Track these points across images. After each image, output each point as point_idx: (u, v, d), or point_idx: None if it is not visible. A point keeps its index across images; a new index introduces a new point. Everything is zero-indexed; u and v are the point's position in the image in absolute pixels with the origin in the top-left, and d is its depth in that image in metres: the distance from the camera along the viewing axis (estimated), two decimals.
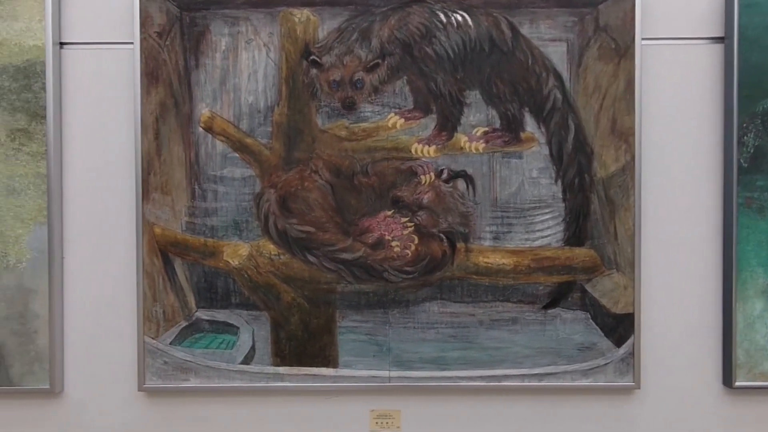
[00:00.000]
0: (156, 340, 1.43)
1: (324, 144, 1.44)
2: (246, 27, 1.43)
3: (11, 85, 1.41)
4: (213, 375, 1.44)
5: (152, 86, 1.42)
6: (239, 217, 1.44)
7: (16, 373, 1.43)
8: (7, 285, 1.42)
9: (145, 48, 1.42)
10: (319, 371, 1.45)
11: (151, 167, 1.43)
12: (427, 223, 1.45)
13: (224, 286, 1.44)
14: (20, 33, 1.41)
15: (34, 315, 1.42)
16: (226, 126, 1.43)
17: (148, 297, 1.43)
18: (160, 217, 1.43)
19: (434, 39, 1.43)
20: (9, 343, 1.42)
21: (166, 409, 1.46)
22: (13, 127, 1.42)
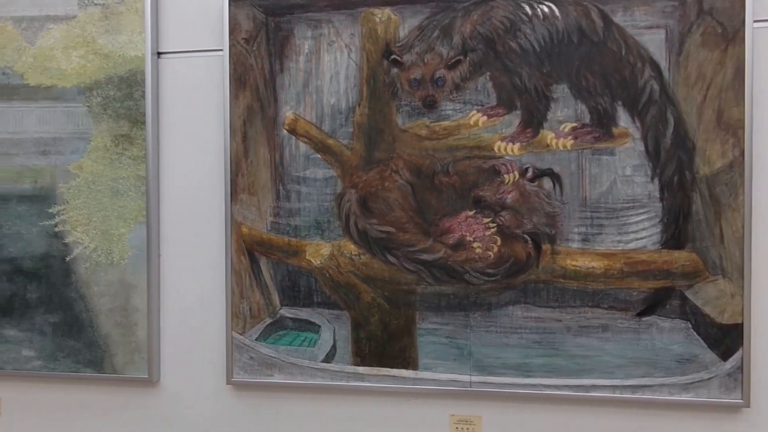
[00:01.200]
0: (243, 336, 1.49)
1: (404, 143, 1.43)
2: (328, 29, 1.45)
3: (116, 93, 1.52)
4: (296, 372, 1.47)
5: (240, 91, 1.48)
6: (321, 217, 1.46)
7: (119, 362, 1.54)
8: (111, 280, 1.53)
9: (233, 54, 1.47)
10: (399, 373, 1.44)
11: (239, 169, 1.48)
12: (510, 224, 1.39)
13: (307, 285, 1.47)
14: (123, 45, 1.52)
15: (135, 308, 1.53)
16: (309, 127, 1.46)
17: (236, 294, 1.49)
18: (247, 217, 1.48)
19: (519, 32, 1.37)
20: (113, 334, 1.54)
21: (252, 403, 1.52)
22: (117, 133, 1.53)
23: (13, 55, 1.56)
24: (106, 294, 1.53)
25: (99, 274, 1.54)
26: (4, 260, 1.57)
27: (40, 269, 1.56)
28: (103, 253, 1.53)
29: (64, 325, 1.55)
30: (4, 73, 1.57)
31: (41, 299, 1.56)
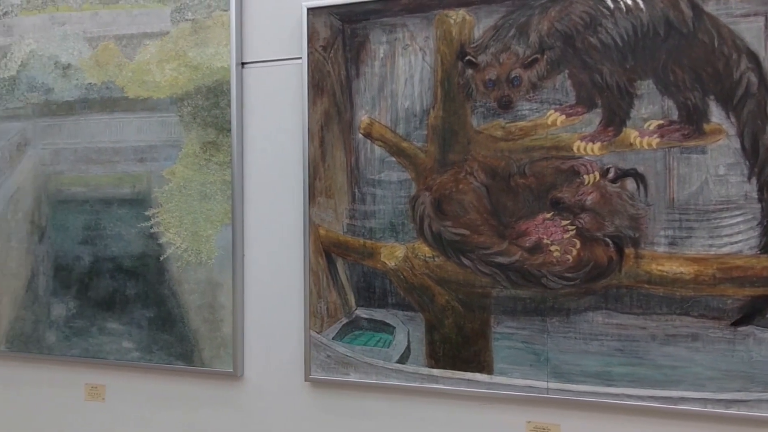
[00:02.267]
0: (320, 335, 1.53)
1: (479, 145, 1.41)
2: (403, 33, 1.46)
3: (204, 103, 1.62)
4: (371, 371, 1.49)
5: (318, 97, 1.53)
6: (396, 220, 1.48)
7: (207, 356, 1.63)
8: (200, 278, 1.63)
9: (311, 61, 1.53)
10: (473, 376, 1.43)
11: (317, 173, 1.53)
12: (590, 227, 1.34)
13: (381, 286, 1.49)
14: (210, 57, 1.61)
15: (221, 306, 1.62)
16: (384, 131, 1.48)
17: (314, 294, 1.54)
18: (324, 219, 1.53)
19: (600, 27, 1.32)
20: (201, 330, 1.63)
21: (329, 401, 1.56)
22: (205, 140, 1.62)
23: (115, 70, 1.71)
24: (196, 291, 1.64)
25: (189, 272, 1.64)
26: (108, 259, 1.72)
27: (138, 267, 1.69)
28: (192, 253, 1.64)
29: (159, 320, 1.67)
30: (107, 87, 1.72)
31: (138, 295, 1.69)
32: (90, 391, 1.78)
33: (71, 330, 1.76)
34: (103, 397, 1.77)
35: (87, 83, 1.74)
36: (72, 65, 1.75)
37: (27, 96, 1.80)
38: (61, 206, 1.77)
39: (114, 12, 1.71)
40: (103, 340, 1.73)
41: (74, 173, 1.75)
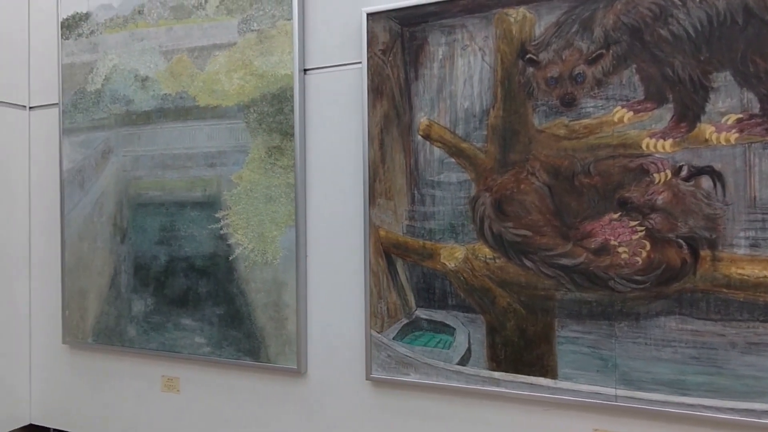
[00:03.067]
0: (381, 335, 1.55)
1: (541, 144, 1.38)
2: (462, 34, 1.45)
3: (269, 109, 1.68)
4: (431, 372, 1.49)
5: (377, 100, 1.55)
6: (455, 221, 1.47)
7: (272, 352, 1.69)
8: (266, 278, 1.69)
9: (371, 65, 1.55)
10: (537, 381, 1.39)
11: (377, 175, 1.55)
12: (661, 227, 1.28)
13: (441, 288, 1.49)
14: (275, 65, 1.67)
15: (285, 304, 1.67)
16: (443, 132, 1.48)
17: (374, 294, 1.56)
18: (384, 220, 1.54)
19: (670, 18, 1.26)
20: (267, 327, 1.69)
21: (389, 400, 1.57)
22: (270, 145, 1.68)
23: (188, 80, 1.81)
24: (262, 290, 1.70)
25: (256, 272, 1.71)
26: (182, 258, 1.82)
27: (209, 267, 1.78)
28: (259, 254, 1.70)
29: (228, 317, 1.75)
30: (180, 97, 1.82)
31: (209, 293, 1.77)
32: (166, 383, 1.89)
33: (149, 325, 1.87)
34: (178, 389, 1.87)
35: (163, 94, 1.85)
36: (149, 77, 1.87)
37: (110, 107, 1.94)
38: (140, 209, 1.89)
39: (187, 26, 1.81)
40: (177, 335, 1.83)
41: (152, 178, 1.87)
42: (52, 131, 2.12)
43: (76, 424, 2.08)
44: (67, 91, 2.03)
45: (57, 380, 2.11)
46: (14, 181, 2.12)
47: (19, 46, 2.14)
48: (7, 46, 2.10)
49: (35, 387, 2.16)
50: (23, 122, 2.16)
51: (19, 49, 2.15)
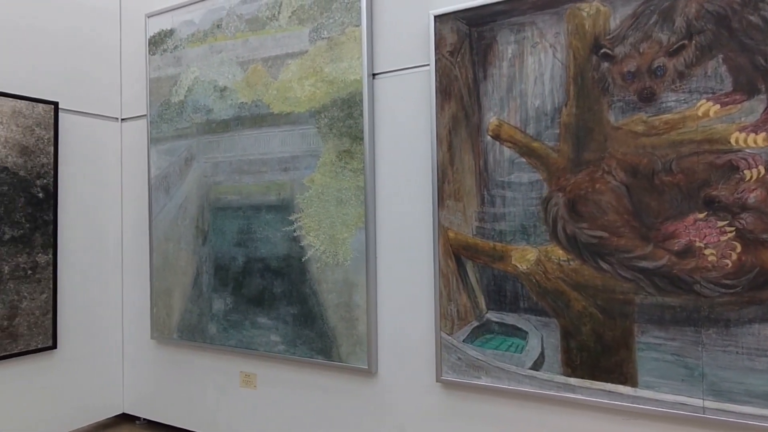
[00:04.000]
0: (451, 337, 1.54)
1: (617, 142, 1.33)
2: (531, 31, 1.42)
3: (339, 114, 1.72)
4: (503, 376, 1.47)
5: (445, 102, 1.54)
6: (527, 222, 1.44)
7: (344, 352, 1.72)
8: (337, 279, 1.73)
9: (439, 67, 1.55)
10: (615, 388, 1.34)
11: (445, 176, 1.55)
12: (754, 228, 1.19)
13: (513, 290, 1.46)
14: (344, 71, 1.71)
15: (356, 305, 1.70)
16: (513, 132, 1.46)
17: (444, 296, 1.55)
18: (453, 222, 1.54)
19: (762, 4, 1.18)
20: (339, 327, 1.73)
21: (460, 403, 1.56)
22: (341, 149, 1.72)
23: (263, 89, 1.88)
24: (333, 291, 1.74)
25: (327, 273, 1.75)
26: (258, 259, 1.89)
27: (283, 268, 1.84)
28: (330, 255, 1.74)
29: (301, 316, 1.80)
30: (256, 105, 1.89)
31: (284, 293, 1.84)
32: (244, 378, 1.97)
33: (228, 323, 1.97)
34: (255, 385, 1.95)
35: (239, 102, 1.93)
36: (227, 87, 1.97)
37: (192, 117, 2.06)
38: (220, 212, 1.99)
39: (261, 37, 1.89)
40: (254, 333, 1.90)
41: (230, 183, 1.96)
42: (141, 141, 2.27)
43: (162, 414, 2.21)
44: (153, 103, 2.17)
45: (146, 373, 2.26)
46: (108, 187, 2.30)
47: (112, 65, 2.32)
48: (103, 66, 2.27)
49: (127, 379, 2.32)
50: (116, 133, 2.33)
51: (113, 68, 2.32)
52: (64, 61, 2.13)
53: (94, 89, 2.24)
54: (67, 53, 2.15)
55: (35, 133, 1.99)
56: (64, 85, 2.13)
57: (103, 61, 2.28)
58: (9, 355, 1.91)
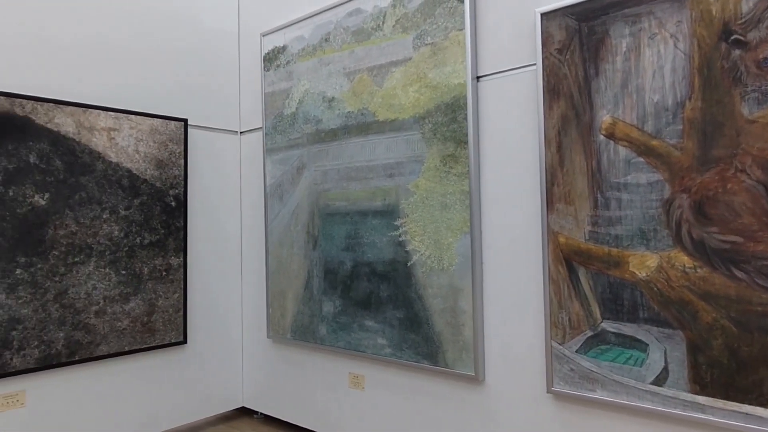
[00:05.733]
0: (562, 346, 1.47)
1: (752, 136, 1.20)
2: (649, 22, 1.33)
3: (443, 119, 1.72)
4: (620, 391, 1.38)
5: (554, 101, 1.48)
6: (646, 226, 1.34)
7: (450, 358, 1.71)
8: (442, 283, 1.72)
9: (546, 66, 1.49)
10: (754, 410, 1.20)
11: (555, 179, 1.48)
12: None
13: (631, 299, 1.37)
14: (448, 75, 1.71)
15: (462, 310, 1.68)
16: (629, 130, 1.37)
17: (554, 303, 1.49)
18: (563, 226, 1.47)
19: None
20: (444, 332, 1.72)
21: (573, 416, 1.48)
22: (445, 154, 1.72)
23: (368, 97, 1.93)
24: (439, 296, 1.73)
25: (432, 278, 1.75)
26: (365, 264, 1.94)
27: (389, 272, 1.87)
28: (435, 260, 1.74)
29: (407, 321, 1.82)
30: (362, 114, 1.95)
31: (390, 297, 1.86)
32: (353, 379, 2.03)
33: (337, 324, 2.03)
34: (363, 386, 1.99)
35: (346, 112, 2.00)
36: (335, 98, 2.04)
37: (303, 127, 2.16)
38: (329, 218, 2.07)
39: (366, 48, 1.94)
40: (362, 336, 1.95)
41: (338, 190, 2.03)
42: (258, 152, 2.43)
43: (277, 409, 2.33)
44: (268, 116, 2.31)
45: (263, 370, 2.40)
46: (229, 196, 2.48)
47: (232, 83, 2.50)
48: (224, 84, 2.46)
49: (246, 374, 2.48)
50: (235, 145, 2.51)
51: (233, 85, 2.51)
52: (191, 81, 2.34)
53: (217, 106, 2.44)
54: (194, 74, 2.35)
55: (168, 148, 2.20)
56: (192, 103, 2.34)
57: (224, 80, 2.47)
58: (147, 348, 2.12)
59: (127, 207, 2.06)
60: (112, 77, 2.08)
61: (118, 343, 2.03)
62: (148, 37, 2.20)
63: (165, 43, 2.25)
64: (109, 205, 2.01)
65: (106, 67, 2.06)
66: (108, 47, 2.07)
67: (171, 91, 2.26)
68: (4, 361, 1.75)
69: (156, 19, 2.23)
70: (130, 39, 2.14)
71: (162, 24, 2.24)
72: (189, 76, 2.33)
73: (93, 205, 1.97)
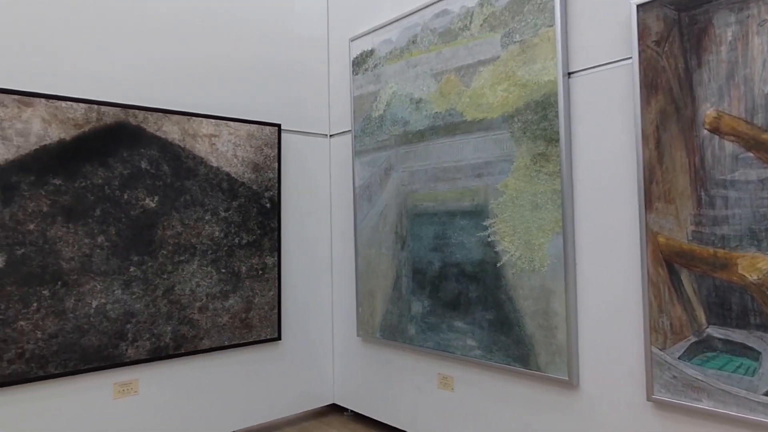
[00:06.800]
0: (663, 352, 1.40)
1: None
2: (758, 8, 1.24)
3: (533, 117, 1.70)
4: (729, 401, 1.29)
5: (651, 95, 1.42)
6: (757, 225, 1.25)
7: (542, 361, 1.68)
8: (533, 285, 1.70)
9: (643, 59, 1.43)
10: None
11: (653, 176, 1.42)
12: None
13: (740, 303, 1.28)
14: (538, 73, 1.68)
15: (554, 312, 1.64)
16: (737, 123, 1.28)
17: (654, 307, 1.42)
18: (663, 226, 1.40)
19: None
20: (536, 335, 1.69)
21: (675, 426, 1.41)
22: (535, 152, 1.69)
23: (455, 98, 1.94)
24: (530, 297, 1.71)
25: (523, 279, 1.73)
26: (453, 264, 1.95)
27: (478, 273, 1.86)
28: (526, 261, 1.72)
29: (497, 322, 1.80)
30: (449, 114, 1.96)
31: (479, 298, 1.86)
32: (442, 380, 2.04)
33: (426, 325, 2.06)
34: (452, 388, 2.00)
35: (434, 113, 2.02)
36: (422, 99, 2.07)
37: (390, 129, 2.20)
38: (417, 219, 2.09)
39: (454, 48, 1.95)
40: (451, 336, 1.96)
41: (425, 190, 2.05)
42: (346, 154, 2.50)
43: (367, 407, 2.39)
44: (357, 119, 2.38)
45: (353, 368, 2.47)
46: (319, 197, 2.58)
47: (322, 88, 2.60)
48: (314, 90, 2.57)
49: (337, 372, 2.57)
50: (325, 148, 2.61)
51: (322, 90, 2.61)
52: (284, 87, 2.46)
53: (307, 110, 2.54)
54: (286, 80, 2.47)
55: (263, 152, 2.32)
56: (284, 109, 2.46)
57: (314, 85, 2.58)
58: (245, 343, 2.25)
59: (226, 209, 2.20)
60: (213, 87, 2.23)
61: (218, 338, 2.17)
62: (245, 49, 2.34)
63: (260, 53, 2.38)
64: (211, 207, 2.16)
65: (207, 78, 2.22)
66: (208, 60, 2.22)
67: (265, 97, 2.39)
68: (120, 351, 1.93)
69: (251, 31, 2.36)
70: (229, 51, 2.28)
71: (256, 35, 2.38)
72: (282, 83, 2.45)
73: (196, 207, 2.12)
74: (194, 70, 2.18)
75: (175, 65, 2.13)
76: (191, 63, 2.17)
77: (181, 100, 2.14)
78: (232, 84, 2.29)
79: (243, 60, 2.32)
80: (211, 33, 2.24)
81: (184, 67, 2.15)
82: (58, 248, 1.82)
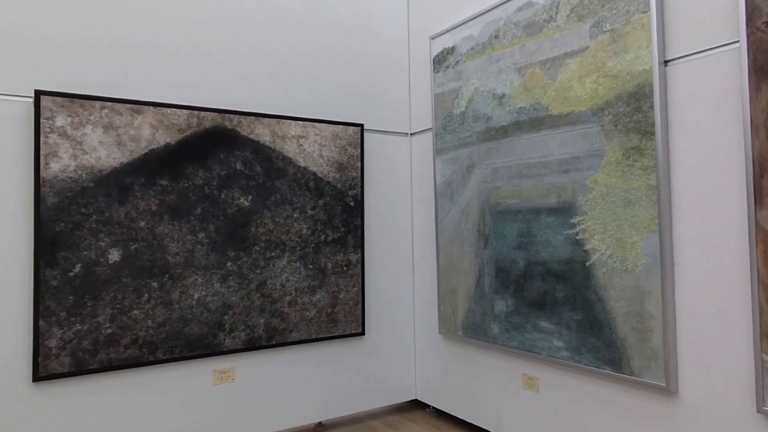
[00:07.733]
0: None
1: None
2: None
3: (625, 109, 1.61)
4: None
5: (762, 82, 1.30)
6: None
7: (635, 365, 1.59)
8: (626, 285, 1.61)
9: (752, 43, 1.32)
10: None
11: (764, 170, 1.30)
12: None
13: None
14: (631, 62, 1.59)
15: (650, 315, 1.55)
16: None
17: (765, 311, 1.31)
18: None
19: None
20: (629, 338, 1.61)
21: None
22: (627, 146, 1.60)
23: (540, 92, 1.88)
24: (622, 298, 1.62)
25: (614, 279, 1.64)
26: (539, 263, 1.89)
27: (565, 272, 1.80)
28: (617, 260, 1.63)
29: (586, 323, 1.73)
30: (534, 109, 1.90)
31: (567, 298, 1.79)
32: (526, 381, 1.99)
33: (510, 324, 2.01)
34: (538, 389, 1.95)
35: (517, 108, 1.97)
36: (505, 94, 2.02)
37: (472, 126, 2.18)
38: (500, 216, 2.05)
39: (538, 41, 1.89)
40: (536, 337, 1.91)
41: (509, 187, 2.01)
42: (427, 152, 2.50)
43: (449, 405, 2.38)
44: (438, 116, 2.37)
45: (434, 365, 2.47)
46: (401, 195, 2.59)
47: (403, 87, 2.62)
48: (395, 89, 2.59)
49: (419, 368, 2.58)
50: (406, 147, 2.62)
51: (403, 89, 2.62)
52: (365, 88, 2.50)
53: (388, 109, 2.57)
54: (368, 81, 2.51)
55: (347, 152, 2.37)
56: (366, 109, 2.50)
57: (395, 84, 2.60)
58: (331, 337, 2.31)
59: (313, 207, 2.27)
60: (300, 90, 2.31)
61: (306, 331, 2.25)
62: (329, 51, 2.40)
63: (343, 55, 2.43)
64: (299, 206, 2.24)
65: (294, 81, 2.30)
66: (296, 63, 2.30)
67: (348, 98, 2.44)
68: (219, 340, 2.05)
69: (334, 33, 2.42)
70: (314, 54, 2.35)
71: (340, 37, 2.43)
72: (364, 84, 2.49)
73: (285, 206, 2.21)
74: (282, 72, 2.27)
75: (264, 66, 2.22)
76: (280, 65, 2.26)
77: (271, 102, 2.23)
78: (317, 85, 2.36)
79: (327, 61, 2.39)
80: (297, 34, 2.31)
81: (273, 69, 2.25)
82: (165, 244, 1.97)
